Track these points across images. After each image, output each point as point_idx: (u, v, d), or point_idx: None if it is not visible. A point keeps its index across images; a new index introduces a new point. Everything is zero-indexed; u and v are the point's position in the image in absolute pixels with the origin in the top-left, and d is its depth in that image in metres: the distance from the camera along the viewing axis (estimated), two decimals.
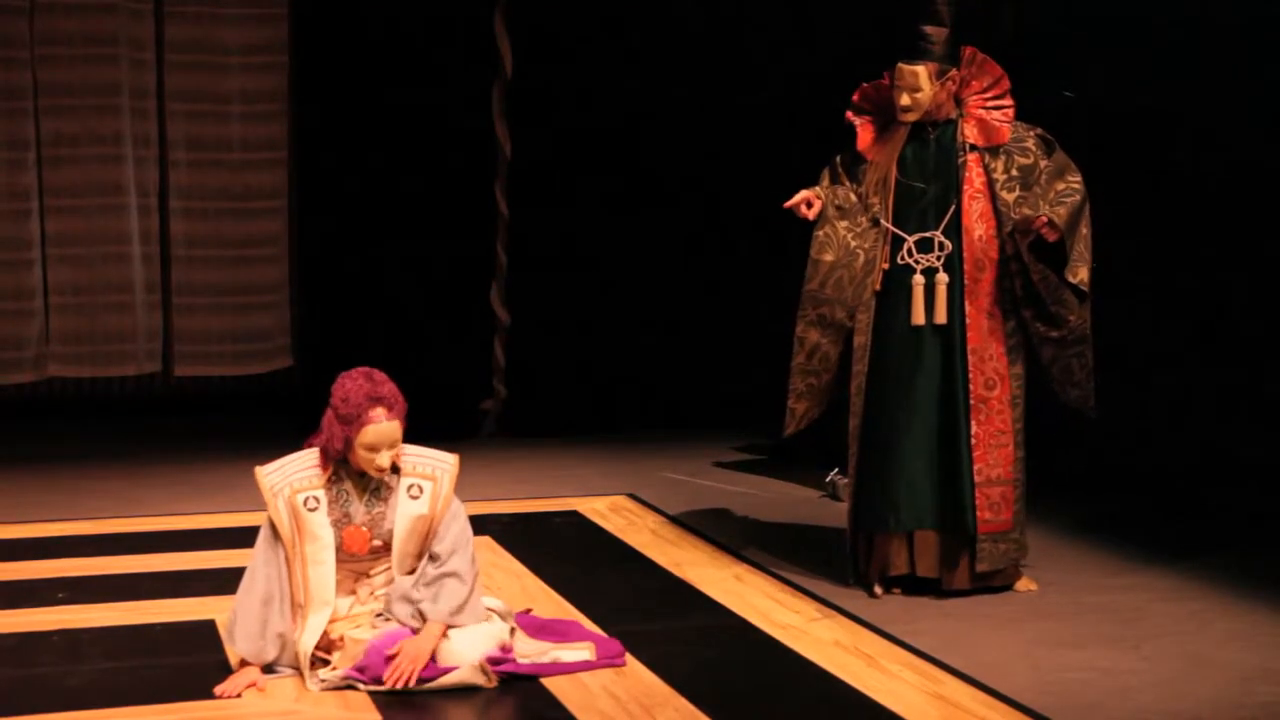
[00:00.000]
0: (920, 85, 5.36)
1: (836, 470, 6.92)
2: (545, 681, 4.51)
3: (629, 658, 4.70)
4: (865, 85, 5.59)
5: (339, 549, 4.50)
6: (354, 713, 4.26)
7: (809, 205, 5.48)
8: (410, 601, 4.49)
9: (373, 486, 4.53)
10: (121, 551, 5.91)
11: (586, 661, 4.64)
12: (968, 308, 5.41)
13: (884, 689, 4.49)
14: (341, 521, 4.50)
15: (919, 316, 5.40)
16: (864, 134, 5.55)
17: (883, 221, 5.46)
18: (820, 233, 5.49)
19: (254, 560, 4.51)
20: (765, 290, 8.41)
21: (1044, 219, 5.25)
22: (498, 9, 8.37)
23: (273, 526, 4.49)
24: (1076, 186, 5.38)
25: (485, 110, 8.40)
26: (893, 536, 5.46)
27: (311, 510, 4.47)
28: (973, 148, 5.43)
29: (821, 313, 5.49)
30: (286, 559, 4.48)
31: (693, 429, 8.42)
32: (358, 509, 4.52)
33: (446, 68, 8.30)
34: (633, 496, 6.95)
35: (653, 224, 8.66)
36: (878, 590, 5.46)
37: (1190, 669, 4.72)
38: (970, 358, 5.41)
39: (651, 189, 8.64)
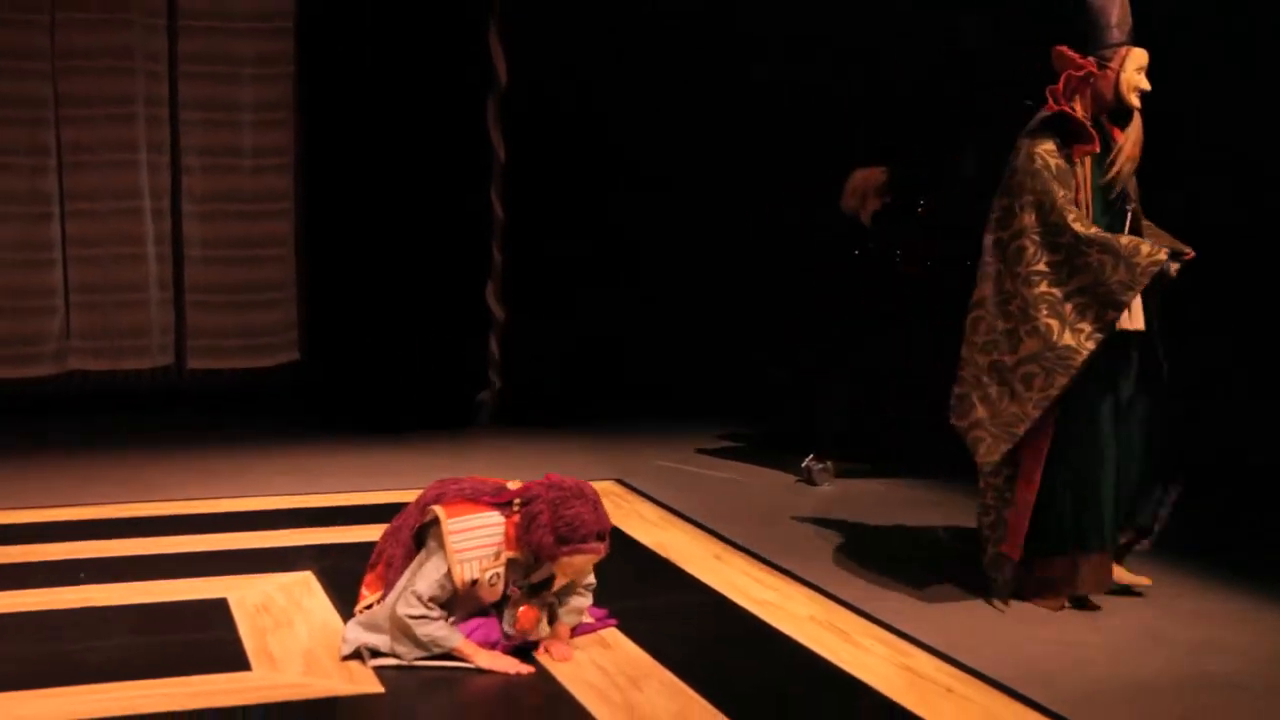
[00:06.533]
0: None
1: (811, 456, 7.08)
2: (535, 654, 4.59)
3: (617, 633, 4.81)
4: (1071, 74, 4.97)
5: (512, 625, 4.56)
6: (359, 685, 4.34)
7: None
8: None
9: (547, 571, 4.60)
10: (138, 534, 5.97)
11: (584, 624, 4.78)
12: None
13: (856, 661, 4.61)
14: (517, 600, 4.58)
15: (1128, 322, 5.07)
16: (1081, 130, 4.98)
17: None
18: None
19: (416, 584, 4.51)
20: (758, 289, 8.49)
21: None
22: (492, 20, 8.40)
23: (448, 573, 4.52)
24: None
25: (480, 117, 8.45)
26: (1093, 554, 5.16)
27: (492, 585, 4.55)
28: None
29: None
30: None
31: (678, 418, 8.46)
32: (528, 587, 4.61)
33: (443, 76, 8.31)
34: (621, 482, 7.02)
35: (645, 224, 8.70)
36: (1065, 604, 5.19)
37: (1144, 643, 4.85)
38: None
39: (643, 190, 8.67)
